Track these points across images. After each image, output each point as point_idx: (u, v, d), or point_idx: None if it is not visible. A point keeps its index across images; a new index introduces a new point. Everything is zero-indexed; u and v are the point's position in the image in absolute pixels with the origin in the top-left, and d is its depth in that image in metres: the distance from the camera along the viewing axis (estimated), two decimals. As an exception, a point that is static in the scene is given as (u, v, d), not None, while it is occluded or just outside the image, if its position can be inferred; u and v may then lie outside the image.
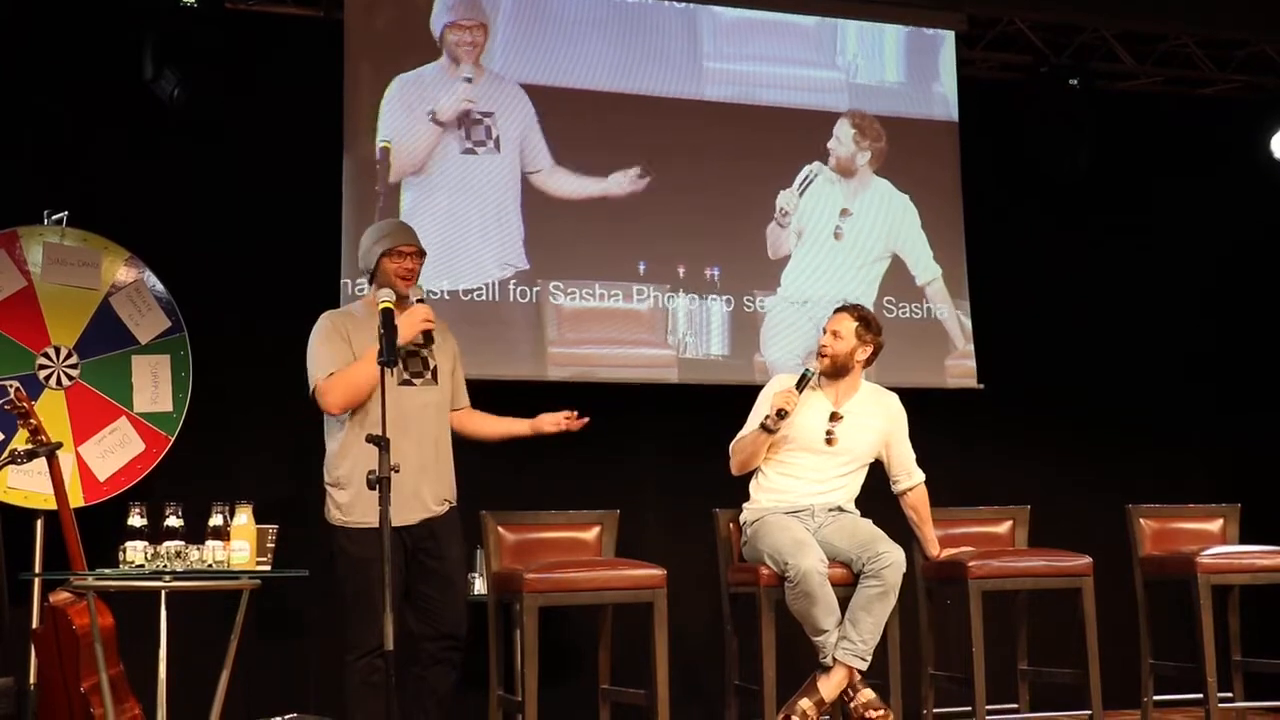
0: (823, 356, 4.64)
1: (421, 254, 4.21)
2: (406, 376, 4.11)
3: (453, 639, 4.10)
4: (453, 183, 5.64)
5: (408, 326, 4.07)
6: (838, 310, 4.74)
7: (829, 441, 4.58)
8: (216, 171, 5.43)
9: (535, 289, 5.70)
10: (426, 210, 5.47)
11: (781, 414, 4.50)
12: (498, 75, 5.77)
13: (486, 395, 4.44)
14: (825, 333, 4.68)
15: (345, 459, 4.00)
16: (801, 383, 4.57)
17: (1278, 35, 6.56)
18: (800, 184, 6.10)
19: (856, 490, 4.67)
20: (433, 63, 5.70)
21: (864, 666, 4.32)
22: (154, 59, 5.15)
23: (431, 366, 4.17)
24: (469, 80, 5.72)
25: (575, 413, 4.28)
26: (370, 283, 4.19)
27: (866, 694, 4.33)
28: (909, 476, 4.72)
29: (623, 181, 5.87)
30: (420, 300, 4.15)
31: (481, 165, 5.70)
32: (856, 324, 4.64)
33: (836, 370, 4.64)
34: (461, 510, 4.23)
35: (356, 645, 3.95)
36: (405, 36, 5.69)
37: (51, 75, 5.30)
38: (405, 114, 5.62)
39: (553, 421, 4.28)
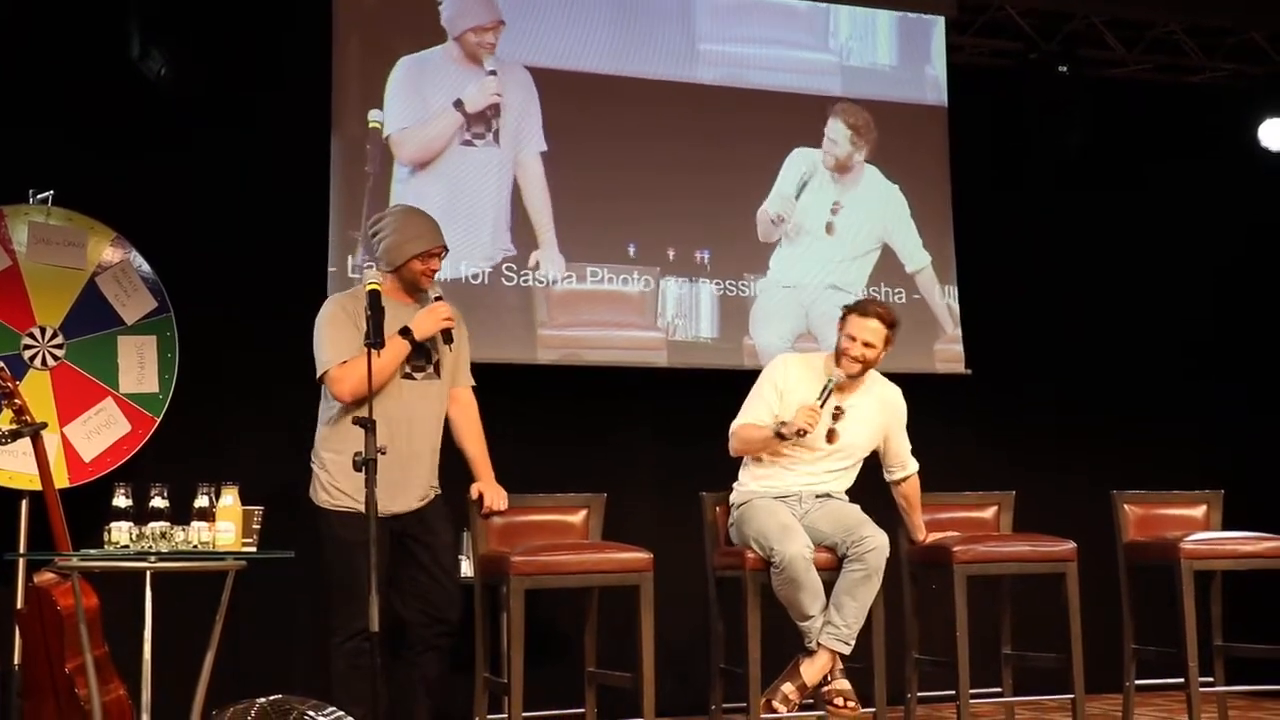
0: (849, 360, 4.51)
1: (447, 251, 4.20)
2: (408, 370, 4.09)
3: (446, 624, 4.11)
4: (449, 171, 5.63)
5: (427, 323, 4.05)
6: (863, 313, 4.54)
7: (830, 439, 4.56)
8: (203, 152, 5.41)
9: (525, 271, 5.69)
10: (419, 197, 5.39)
11: (801, 433, 4.45)
12: (505, 60, 5.76)
13: (476, 378, 4.43)
14: (854, 340, 4.50)
15: (337, 441, 3.99)
16: (824, 396, 4.49)
17: (1265, 23, 6.58)
18: (797, 186, 6.09)
19: (849, 483, 4.67)
20: (438, 46, 5.68)
21: (847, 651, 4.34)
22: (140, 38, 5.12)
23: (434, 360, 4.15)
24: (493, 73, 5.71)
25: (496, 505, 4.29)
26: (390, 272, 4.14)
27: (842, 684, 4.35)
28: (903, 467, 4.72)
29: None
30: (439, 297, 4.13)
31: (478, 157, 5.68)
32: (888, 331, 4.54)
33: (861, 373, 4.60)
34: (449, 493, 4.24)
35: (343, 628, 3.95)
36: (397, 17, 5.67)
37: (38, 53, 5.27)
38: (418, 100, 5.60)
39: (484, 498, 4.28)
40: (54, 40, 5.29)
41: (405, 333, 4.02)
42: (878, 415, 4.64)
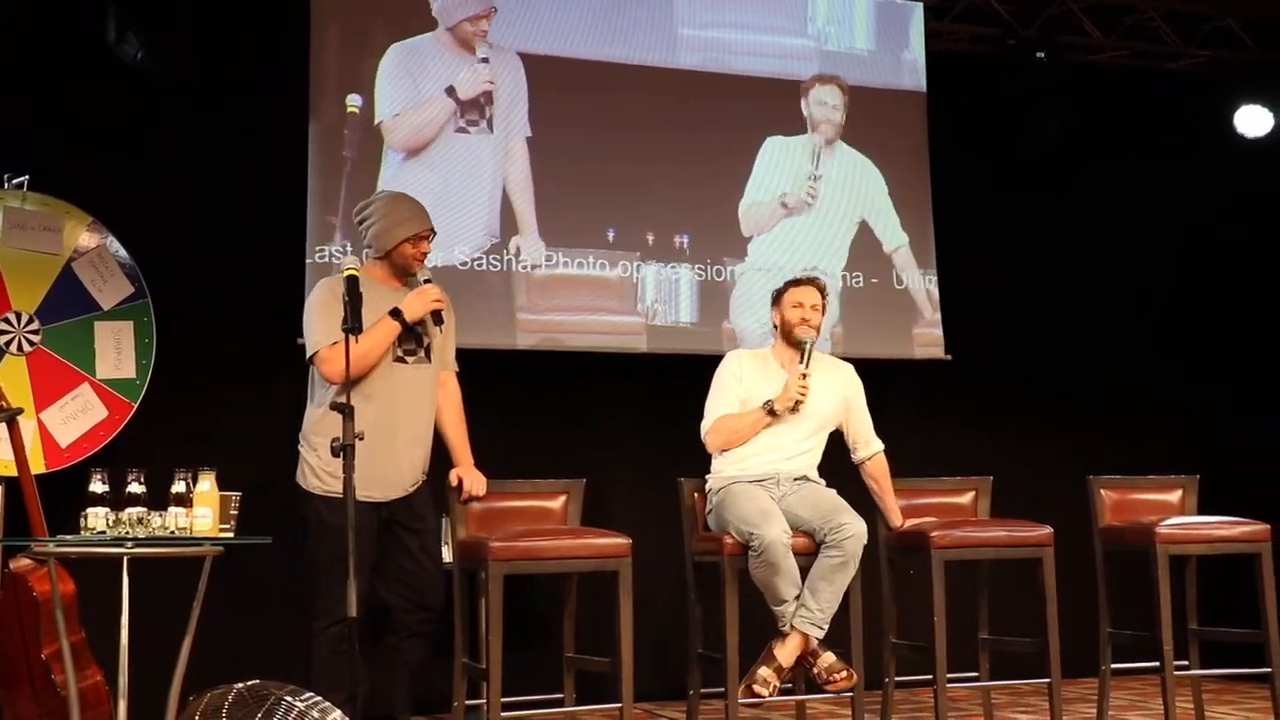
0: (804, 327, 4.62)
1: (435, 233, 4.21)
2: (400, 354, 4.09)
3: (429, 611, 4.11)
4: (443, 158, 5.61)
5: (417, 305, 4.07)
6: (802, 284, 4.71)
7: (794, 407, 4.58)
8: (181, 136, 5.39)
9: (505, 257, 5.68)
10: (412, 184, 5.32)
11: (797, 406, 4.51)
12: (497, 46, 5.74)
13: (456, 363, 4.43)
14: (801, 305, 4.64)
15: (329, 425, 3.97)
16: (805, 359, 4.56)
17: (1242, 10, 6.60)
18: (813, 161, 6.10)
19: (818, 458, 4.70)
20: (428, 34, 5.65)
21: (820, 635, 4.35)
22: (117, 22, 5.09)
23: (426, 344, 4.15)
24: (485, 61, 5.69)
25: (475, 490, 4.31)
26: (380, 258, 4.16)
27: (827, 658, 4.38)
28: (868, 445, 4.75)
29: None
30: (428, 280, 4.13)
31: (472, 144, 5.67)
32: (821, 296, 4.69)
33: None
34: (429, 479, 4.24)
35: (327, 612, 3.95)
36: (377, 1, 5.64)
37: (13, 37, 5.23)
38: (410, 87, 5.58)
39: (463, 482, 4.30)
40: (29, 23, 5.24)
41: (395, 314, 4.03)
42: (837, 386, 4.69)
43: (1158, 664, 4.79)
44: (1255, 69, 6.78)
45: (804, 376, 4.54)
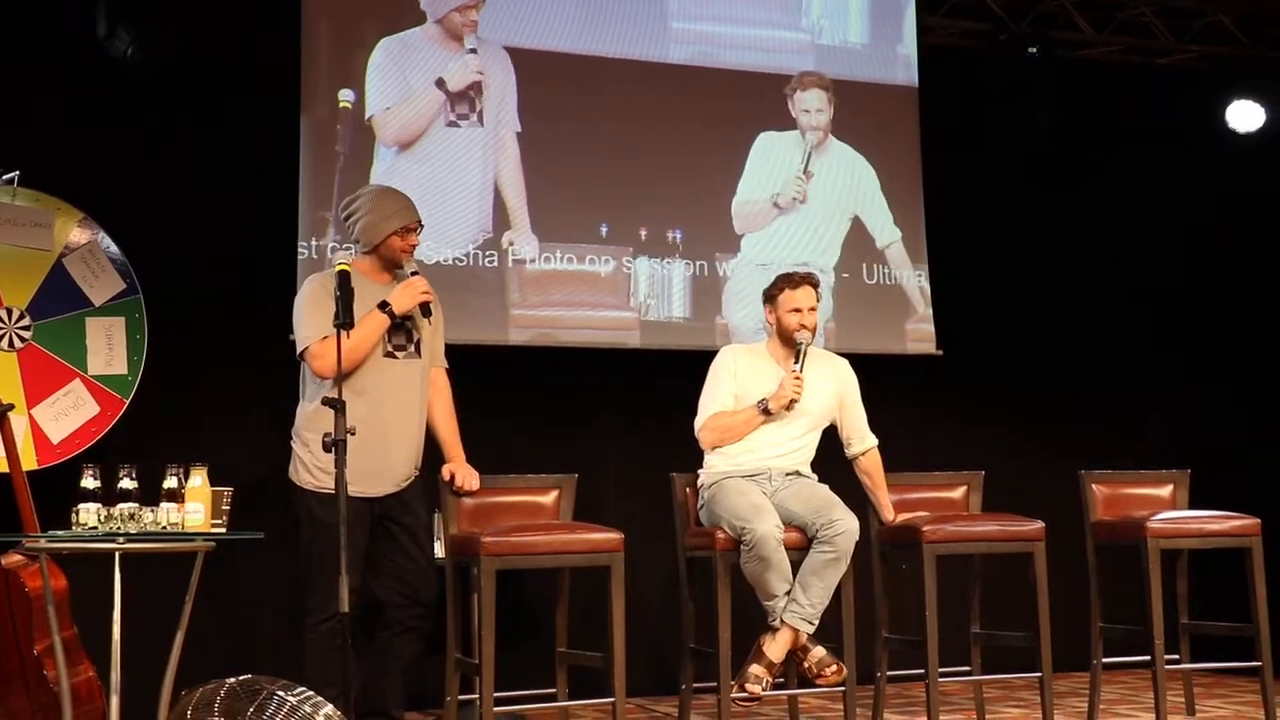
0: (803, 331, 4.62)
1: (422, 226, 4.22)
2: (390, 349, 4.10)
3: (423, 606, 4.12)
4: (434, 153, 5.61)
5: (406, 298, 4.08)
6: (798, 285, 4.67)
7: (788, 405, 4.59)
8: (172, 132, 5.38)
9: (497, 252, 5.68)
10: (403, 179, 5.30)
11: (791, 404, 4.53)
12: (485, 39, 5.74)
13: (448, 358, 4.43)
14: (798, 311, 4.62)
15: (320, 420, 3.96)
16: (800, 361, 4.57)
17: (1233, 5, 6.61)
18: (803, 161, 6.10)
19: (812, 454, 4.71)
20: (417, 27, 5.65)
21: (810, 630, 4.36)
22: (107, 17, 5.08)
23: (415, 339, 4.16)
24: (474, 51, 5.68)
25: (468, 485, 4.33)
26: (368, 253, 4.17)
27: (818, 652, 4.38)
28: (862, 440, 4.76)
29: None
30: (414, 273, 4.14)
31: (463, 138, 5.66)
32: (817, 292, 4.70)
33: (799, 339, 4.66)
34: (422, 475, 4.24)
35: (320, 608, 3.96)
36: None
37: (3, 32, 5.21)
38: (400, 81, 5.58)
39: (455, 477, 4.31)
40: (20, 19, 5.23)
41: (384, 306, 4.03)
42: (831, 382, 4.70)
43: (1149, 658, 4.81)
44: (1247, 64, 6.79)
45: (797, 377, 4.55)
